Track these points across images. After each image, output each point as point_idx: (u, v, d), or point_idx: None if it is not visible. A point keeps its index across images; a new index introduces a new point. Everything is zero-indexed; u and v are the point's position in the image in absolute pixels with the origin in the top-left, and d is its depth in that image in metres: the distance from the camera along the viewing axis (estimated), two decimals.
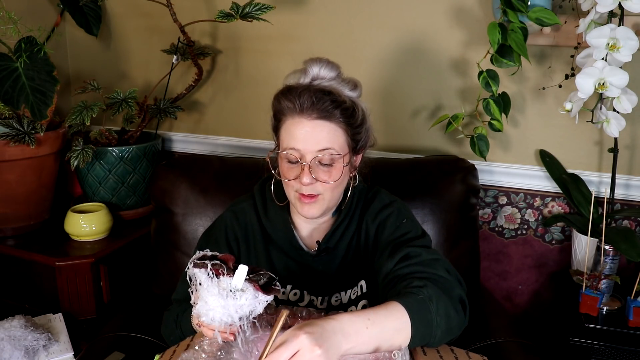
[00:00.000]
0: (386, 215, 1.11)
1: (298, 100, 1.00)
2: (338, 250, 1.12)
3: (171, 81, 1.87)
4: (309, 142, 1.00)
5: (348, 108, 1.03)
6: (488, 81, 1.42)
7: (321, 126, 1.01)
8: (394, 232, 1.08)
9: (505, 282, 1.77)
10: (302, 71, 1.06)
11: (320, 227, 1.14)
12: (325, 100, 1.00)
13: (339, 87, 1.05)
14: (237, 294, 0.82)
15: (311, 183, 1.01)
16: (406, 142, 1.73)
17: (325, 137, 1.01)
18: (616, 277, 1.42)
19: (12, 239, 1.65)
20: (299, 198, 1.04)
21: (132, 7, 1.93)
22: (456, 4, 1.59)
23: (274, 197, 1.12)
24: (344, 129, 1.03)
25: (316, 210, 1.05)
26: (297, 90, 1.01)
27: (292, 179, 1.03)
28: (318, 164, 1.02)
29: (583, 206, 1.53)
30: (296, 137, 1.01)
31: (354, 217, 1.13)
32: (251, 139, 1.90)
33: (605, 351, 1.35)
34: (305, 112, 1.00)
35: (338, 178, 1.03)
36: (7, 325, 1.33)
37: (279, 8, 1.66)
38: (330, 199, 1.06)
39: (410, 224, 1.10)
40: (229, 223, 1.15)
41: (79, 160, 1.60)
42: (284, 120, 1.04)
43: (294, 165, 1.03)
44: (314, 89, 1.01)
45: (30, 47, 1.53)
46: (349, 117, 1.03)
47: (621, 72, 1.27)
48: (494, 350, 1.27)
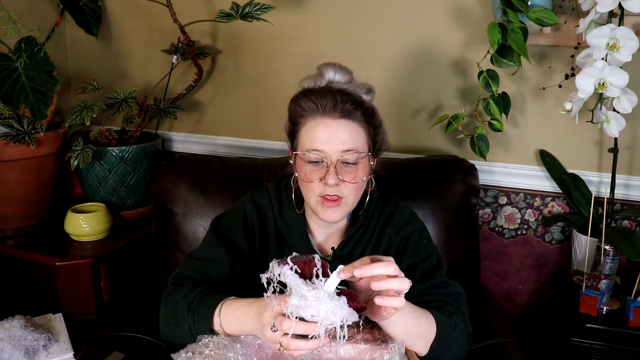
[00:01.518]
0: (409, 232, 1.13)
1: (321, 100, 0.99)
2: (352, 257, 1.11)
3: (171, 81, 1.87)
4: (333, 142, 0.99)
5: (368, 108, 1.03)
6: (488, 81, 1.42)
7: (344, 126, 1.00)
8: (417, 253, 1.11)
9: (505, 282, 1.77)
10: (317, 75, 1.06)
11: (335, 233, 1.13)
12: (348, 100, 1.00)
13: (356, 89, 1.05)
14: (335, 298, 0.78)
15: (337, 184, 0.99)
16: (406, 142, 1.73)
17: (348, 138, 1.00)
18: (616, 277, 1.42)
19: (12, 239, 1.65)
20: (322, 202, 1.02)
21: (132, 7, 1.93)
22: (456, 4, 1.59)
23: (295, 204, 1.11)
24: (366, 129, 1.03)
25: (338, 215, 1.03)
26: (319, 91, 1.01)
27: (315, 181, 1.01)
28: (342, 165, 1.00)
29: (583, 206, 1.53)
30: (319, 138, 1.00)
31: (370, 226, 1.12)
32: (251, 139, 1.90)
33: (605, 351, 1.35)
34: (328, 112, 0.99)
35: (363, 178, 1.02)
36: (7, 325, 1.33)
37: (279, 8, 1.66)
38: (352, 203, 1.05)
39: (430, 245, 1.14)
40: (249, 213, 1.13)
41: (79, 160, 1.60)
42: (304, 122, 1.02)
43: (316, 168, 1.01)
44: (335, 89, 1.01)
45: (30, 47, 1.53)
46: (370, 117, 1.03)
47: (621, 72, 1.27)
48: (494, 350, 1.27)
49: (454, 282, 1.09)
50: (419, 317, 0.95)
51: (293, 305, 0.77)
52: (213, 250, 1.10)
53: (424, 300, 1.04)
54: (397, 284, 0.82)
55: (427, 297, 1.05)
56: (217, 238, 1.11)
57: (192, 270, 1.09)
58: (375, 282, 0.81)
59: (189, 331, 0.99)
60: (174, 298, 1.04)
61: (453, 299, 1.05)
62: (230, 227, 1.13)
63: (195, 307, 0.99)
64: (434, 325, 0.95)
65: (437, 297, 1.04)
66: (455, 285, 1.08)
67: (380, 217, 1.14)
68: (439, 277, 1.07)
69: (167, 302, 1.06)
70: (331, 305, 0.76)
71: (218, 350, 0.89)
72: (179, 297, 1.03)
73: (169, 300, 1.06)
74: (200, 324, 0.97)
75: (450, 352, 0.98)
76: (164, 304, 1.07)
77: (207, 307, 0.97)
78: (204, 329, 0.97)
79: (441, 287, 1.06)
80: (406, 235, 1.12)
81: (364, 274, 0.82)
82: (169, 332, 1.05)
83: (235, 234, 1.11)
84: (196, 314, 0.98)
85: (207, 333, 0.96)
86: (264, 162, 1.53)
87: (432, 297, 1.04)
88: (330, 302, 0.76)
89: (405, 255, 1.11)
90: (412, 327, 0.93)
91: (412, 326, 0.93)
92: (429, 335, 0.94)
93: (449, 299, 1.05)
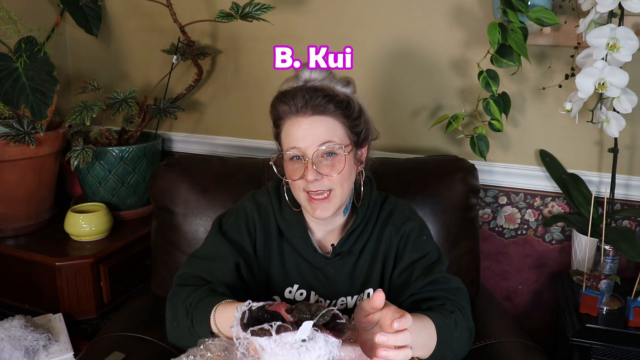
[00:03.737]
0: (409, 229, 1.13)
1: (292, 101, 1.02)
2: (352, 254, 1.12)
3: (171, 81, 1.87)
4: (309, 138, 1.02)
5: (342, 101, 1.04)
6: (488, 81, 1.42)
7: (318, 121, 1.02)
8: (417, 249, 1.11)
9: (505, 282, 1.77)
10: (294, 77, 1.08)
11: (334, 229, 1.14)
12: (318, 96, 1.02)
13: (331, 84, 1.06)
14: (309, 346, 0.75)
15: (316, 179, 1.01)
16: (406, 142, 1.73)
17: (323, 131, 1.02)
18: (616, 277, 1.42)
19: (12, 239, 1.65)
20: (309, 200, 1.04)
21: (132, 7, 1.93)
22: (456, 4, 1.59)
23: (290, 203, 1.12)
24: (342, 121, 1.04)
25: (328, 211, 1.05)
26: (291, 92, 1.03)
27: (297, 178, 1.03)
28: (321, 159, 1.02)
29: (583, 206, 1.53)
30: (295, 137, 1.02)
31: (370, 223, 1.13)
32: (251, 139, 1.90)
33: (605, 351, 1.35)
34: (300, 110, 1.02)
35: (342, 169, 1.03)
36: (7, 325, 1.33)
37: (279, 8, 1.66)
38: (341, 195, 1.05)
39: (430, 242, 1.14)
40: (249, 211, 1.14)
41: (79, 160, 1.60)
42: (282, 124, 1.05)
43: (298, 165, 1.04)
44: (306, 88, 1.04)
45: (30, 47, 1.53)
46: (344, 109, 1.04)
47: (621, 72, 1.27)
48: (494, 350, 1.27)
49: (454, 277, 1.09)
50: (418, 332, 0.91)
51: None
52: (217, 248, 1.11)
53: (424, 297, 1.04)
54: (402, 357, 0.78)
55: (427, 293, 1.04)
56: (220, 236, 1.12)
57: (196, 269, 1.09)
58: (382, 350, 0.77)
59: (190, 334, 0.99)
60: (176, 300, 1.04)
61: (453, 295, 1.05)
62: (232, 226, 1.14)
63: (194, 310, 0.99)
64: (434, 333, 0.94)
65: (437, 294, 1.04)
66: (455, 281, 1.07)
67: (380, 215, 1.15)
68: (439, 273, 1.06)
69: (170, 305, 1.06)
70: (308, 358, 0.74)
71: (219, 352, 0.89)
72: (179, 299, 1.03)
73: (171, 303, 1.06)
74: (199, 327, 0.98)
75: (453, 351, 0.98)
76: (167, 306, 1.07)
77: (204, 311, 0.97)
78: (203, 333, 0.96)
79: (441, 283, 1.05)
80: (406, 233, 1.13)
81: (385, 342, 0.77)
82: (174, 335, 1.05)
83: (237, 232, 1.12)
84: (194, 317, 0.98)
85: (208, 336, 0.96)
86: (264, 162, 1.53)
87: (432, 294, 1.04)
88: (308, 353, 0.74)
89: (405, 252, 1.11)
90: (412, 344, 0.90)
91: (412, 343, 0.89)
92: (428, 344, 0.94)
93: (449, 294, 1.04)
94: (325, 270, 1.12)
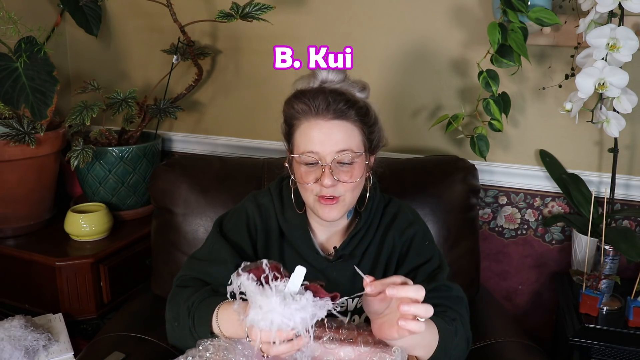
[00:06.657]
0: (413, 233, 1.13)
1: (313, 102, 0.99)
2: (354, 257, 1.12)
3: (171, 81, 1.87)
4: (327, 143, 0.99)
5: (362, 107, 1.02)
6: (488, 81, 1.42)
7: (338, 126, 1.00)
8: (419, 255, 1.11)
9: (505, 282, 1.77)
10: (310, 76, 1.06)
11: (337, 232, 1.14)
12: (340, 100, 0.99)
13: (350, 88, 1.05)
14: (296, 297, 0.76)
15: (333, 185, 1.00)
16: (406, 142, 1.73)
17: (342, 138, 1.00)
18: (616, 277, 1.42)
19: (12, 239, 1.65)
20: (319, 201, 1.03)
21: (132, 7, 1.93)
22: (456, 4, 1.59)
23: (295, 204, 1.11)
24: (360, 128, 1.03)
25: (336, 213, 1.04)
26: (311, 92, 1.01)
27: (311, 182, 1.01)
28: (337, 165, 1.01)
29: (583, 206, 1.53)
30: (313, 140, 1.00)
31: (372, 226, 1.12)
32: (251, 139, 1.90)
33: (605, 351, 1.35)
34: (321, 113, 0.99)
35: (360, 177, 1.02)
36: (7, 326, 1.33)
37: (279, 8, 1.66)
38: (350, 201, 1.05)
39: (432, 247, 1.14)
40: (250, 213, 1.13)
41: (79, 160, 1.60)
42: (298, 124, 1.03)
43: (312, 169, 1.01)
44: (327, 90, 1.01)
45: (30, 47, 1.53)
46: (364, 116, 1.02)
47: (621, 72, 1.27)
48: (494, 350, 1.27)
49: (456, 285, 1.09)
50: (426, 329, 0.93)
51: (250, 319, 0.77)
52: (217, 250, 1.10)
53: None
54: (424, 310, 0.81)
55: (429, 300, 1.03)
56: (221, 238, 1.11)
57: (196, 271, 1.09)
58: (404, 305, 0.80)
59: (191, 334, 0.99)
60: (177, 301, 1.04)
61: (454, 303, 1.05)
62: (233, 227, 1.13)
63: (195, 310, 0.99)
64: (437, 334, 0.95)
65: (438, 301, 1.04)
66: (456, 289, 1.08)
67: (383, 218, 1.14)
68: (440, 281, 1.07)
69: (171, 305, 1.06)
70: (287, 311, 0.75)
71: (219, 352, 0.89)
72: (180, 300, 1.03)
73: (172, 303, 1.06)
74: (200, 327, 0.97)
75: (450, 357, 0.98)
76: (168, 307, 1.07)
77: (206, 311, 0.97)
78: (204, 333, 0.96)
79: (443, 291, 1.05)
80: (409, 237, 1.12)
81: (396, 294, 0.81)
82: (174, 336, 1.05)
83: (238, 234, 1.11)
84: (196, 317, 0.98)
85: (208, 336, 0.96)
86: (264, 162, 1.53)
87: (434, 301, 1.03)
88: (285, 308, 0.75)
89: (408, 257, 1.11)
90: (417, 342, 0.92)
91: (418, 341, 0.92)
92: (431, 345, 0.94)
93: (450, 302, 1.05)
94: (326, 272, 1.11)
